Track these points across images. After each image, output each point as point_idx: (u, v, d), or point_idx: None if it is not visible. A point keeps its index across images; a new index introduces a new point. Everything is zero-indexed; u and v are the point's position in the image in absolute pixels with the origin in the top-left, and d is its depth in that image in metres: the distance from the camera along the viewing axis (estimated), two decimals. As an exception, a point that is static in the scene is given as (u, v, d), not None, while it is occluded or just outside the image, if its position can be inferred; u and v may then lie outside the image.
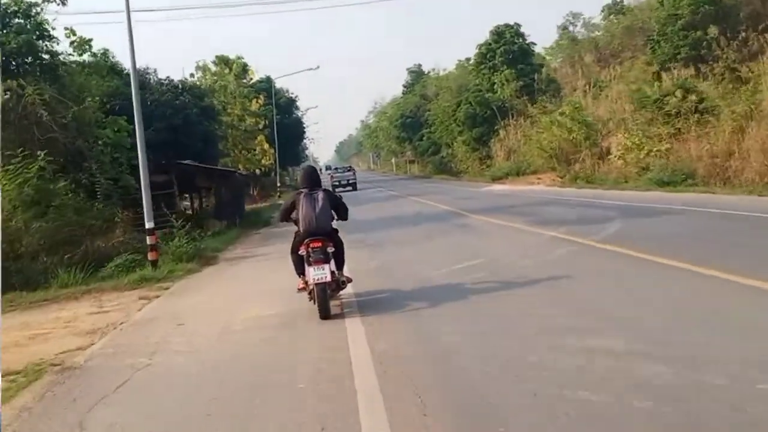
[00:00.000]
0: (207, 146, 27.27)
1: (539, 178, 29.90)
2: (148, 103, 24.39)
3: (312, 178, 7.47)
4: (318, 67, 52.66)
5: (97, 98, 17.43)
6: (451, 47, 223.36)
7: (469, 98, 42.80)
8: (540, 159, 32.95)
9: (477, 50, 45.97)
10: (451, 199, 24.94)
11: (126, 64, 27.17)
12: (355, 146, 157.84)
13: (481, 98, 42.14)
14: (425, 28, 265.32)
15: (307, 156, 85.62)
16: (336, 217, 7.55)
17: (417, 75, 73.86)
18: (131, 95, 13.00)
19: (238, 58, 43.67)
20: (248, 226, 22.15)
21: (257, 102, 43.34)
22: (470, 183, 38.30)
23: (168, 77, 28.06)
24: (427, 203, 24.35)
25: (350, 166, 53.33)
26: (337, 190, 40.36)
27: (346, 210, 7.62)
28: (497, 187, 30.59)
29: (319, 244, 6.97)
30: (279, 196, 40.32)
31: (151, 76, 27.44)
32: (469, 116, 42.32)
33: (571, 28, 52.60)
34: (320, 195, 7.23)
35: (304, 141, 66.68)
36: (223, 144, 35.20)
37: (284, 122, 49.20)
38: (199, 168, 22.59)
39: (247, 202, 42.20)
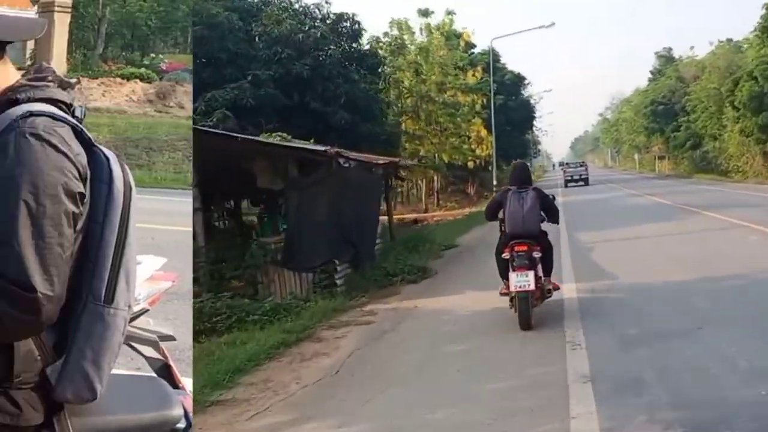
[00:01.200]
0: (361, 119, 16.80)
1: None
2: (255, 38, 16.45)
3: (523, 174, 7.00)
4: (553, 23, 40.16)
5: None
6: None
7: (754, 72, 32.48)
8: None
9: (764, 11, 35.23)
10: None
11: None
12: (591, 142, 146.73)
13: (771, 71, 31.68)
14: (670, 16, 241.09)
15: (539, 151, 75.99)
16: (546, 219, 6.86)
17: (666, 60, 62.87)
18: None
19: (448, 14, 32.19)
20: (377, 276, 10.06)
21: (474, 75, 32.57)
22: (764, 188, 27.23)
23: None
24: None
25: (583, 162, 49.57)
26: (569, 184, 38.48)
27: (557, 212, 7.06)
28: None
29: (525, 248, 6.37)
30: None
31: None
32: (754, 96, 31.96)
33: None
34: (530, 194, 6.66)
35: (534, 132, 57.06)
36: (414, 122, 26.19)
37: (508, 104, 38.70)
38: (252, 147, 10.20)
39: (460, 204, 33.79)
